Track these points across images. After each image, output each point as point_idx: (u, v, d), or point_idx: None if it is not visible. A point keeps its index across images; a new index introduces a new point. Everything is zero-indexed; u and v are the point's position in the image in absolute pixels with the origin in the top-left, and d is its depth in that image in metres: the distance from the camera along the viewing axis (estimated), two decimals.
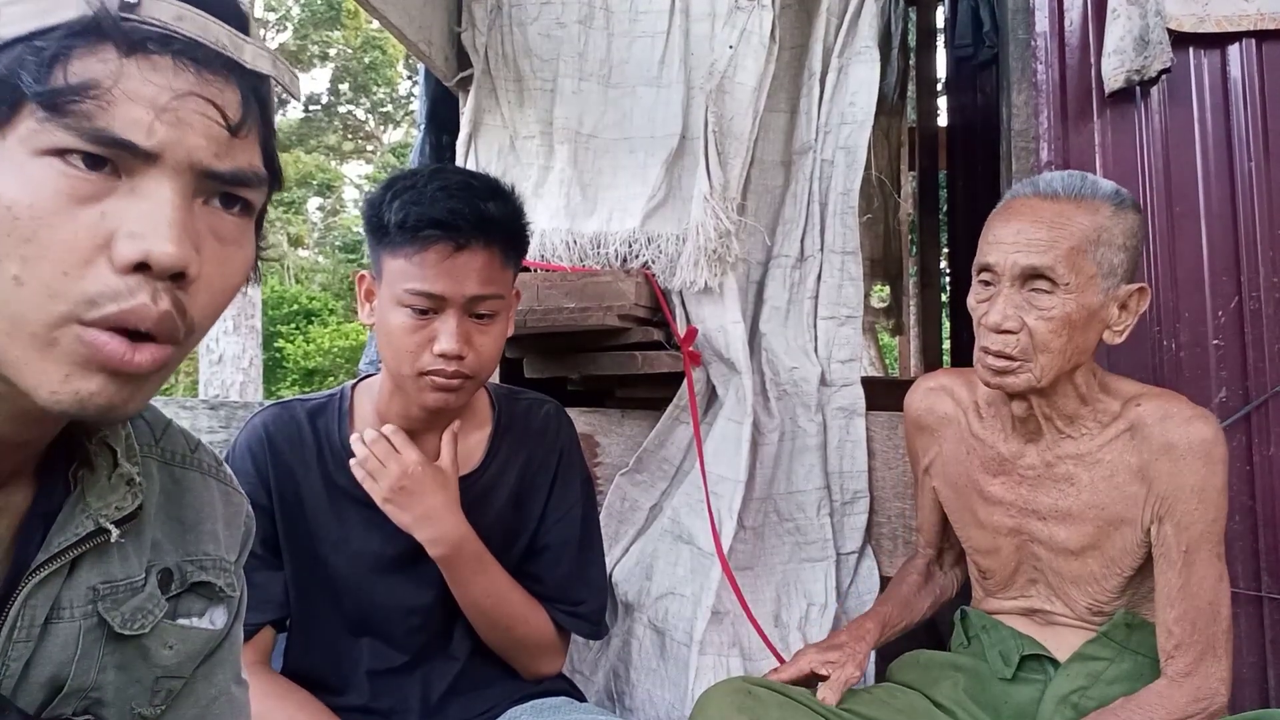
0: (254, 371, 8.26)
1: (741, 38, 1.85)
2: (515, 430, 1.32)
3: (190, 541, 0.69)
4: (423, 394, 1.15)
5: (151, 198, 0.52)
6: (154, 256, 0.51)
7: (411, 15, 1.89)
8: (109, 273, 0.51)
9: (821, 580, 1.75)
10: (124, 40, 0.51)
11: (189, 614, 0.69)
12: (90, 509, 0.61)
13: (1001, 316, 1.15)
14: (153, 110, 0.51)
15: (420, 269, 1.11)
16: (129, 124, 0.51)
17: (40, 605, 0.59)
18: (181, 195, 0.53)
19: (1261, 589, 1.58)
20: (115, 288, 0.51)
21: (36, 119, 0.50)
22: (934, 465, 1.40)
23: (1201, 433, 1.15)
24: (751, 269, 1.89)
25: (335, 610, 1.25)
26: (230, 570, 0.72)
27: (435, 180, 1.13)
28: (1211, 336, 1.64)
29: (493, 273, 1.15)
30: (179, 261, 0.52)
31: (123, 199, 0.52)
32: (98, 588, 0.61)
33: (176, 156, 0.52)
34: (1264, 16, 1.65)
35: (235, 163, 0.56)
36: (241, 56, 0.55)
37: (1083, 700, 1.22)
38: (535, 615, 1.27)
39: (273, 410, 1.28)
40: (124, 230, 0.51)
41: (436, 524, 1.18)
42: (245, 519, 0.76)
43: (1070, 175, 1.20)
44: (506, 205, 1.17)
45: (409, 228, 1.10)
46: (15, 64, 0.50)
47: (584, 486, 1.36)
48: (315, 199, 18.26)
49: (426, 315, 1.13)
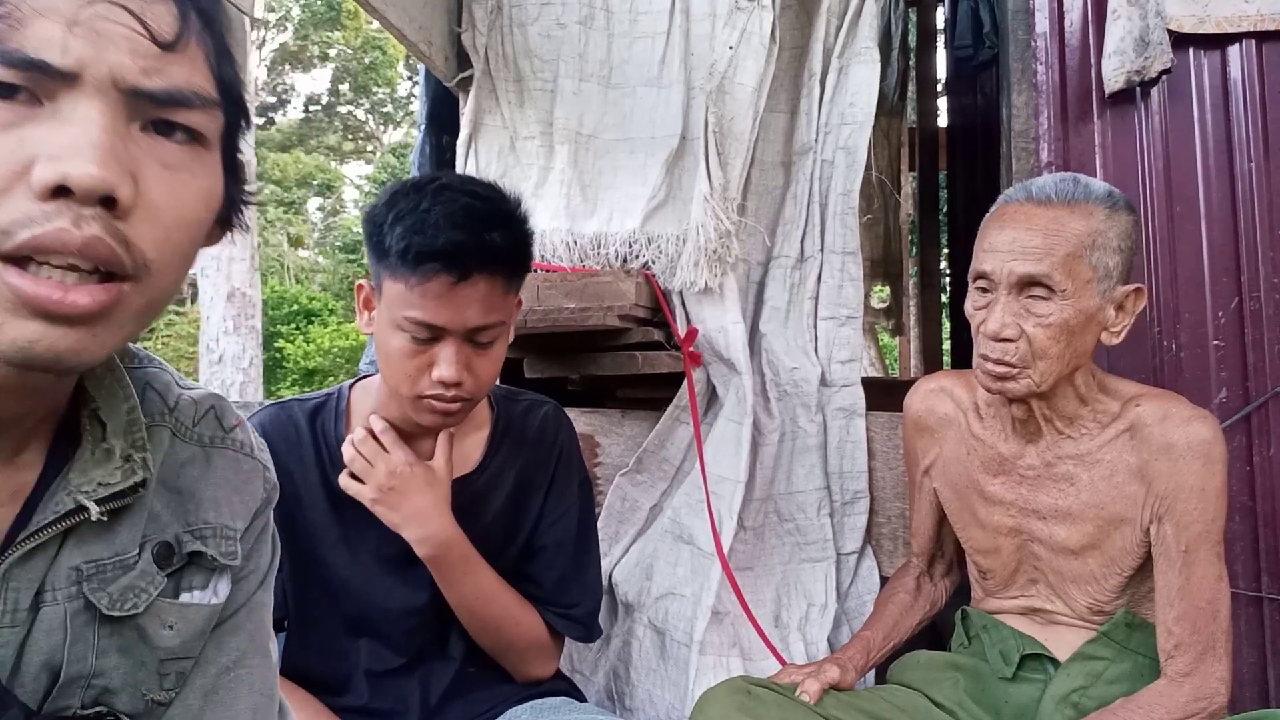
0: (254, 371, 8.26)
1: (742, 38, 1.85)
2: (514, 432, 1.32)
3: (190, 511, 0.65)
4: (420, 415, 1.15)
5: (73, 120, 0.48)
6: (72, 178, 0.47)
7: (411, 15, 1.89)
8: (26, 199, 0.47)
9: (822, 580, 1.75)
10: None
11: (191, 588, 0.65)
12: (71, 486, 0.58)
13: (1000, 325, 1.15)
14: (65, 25, 0.47)
15: (421, 299, 1.08)
16: (41, 43, 0.47)
17: (24, 589, 0.56)
18: (108, 116, 0.49)
19: (1261, 589, 1.58)
20: (30, 213, 0.47)
21: None
22: (934, 466, 1.40)
23: (1201, 433, 1.15)
24: (752, 269, 1.89)
25: (333, 611, 1.25)
26: (233, 538, 0.68)
27: (439, 206, 1.08)
28: (1212, 337, 1.64)
29: (494, 301, 1.12)
30: (100, 183, 0.47)
31: (44, 124, 0.48)
32: (81, 568, 0.58)
33: (98, 75, 0.49)
34: (1264, 17, 1.65)
35: (169, 81, 0.51)
36: None
37: (1083, 700, 1.22)
38: (527, 617, 1.27)
39: (270, 410, 1.28)
40: (43, 154, 0.47)
41: (424, 524, 1.18)
42: (263, 485, 0.72)
43: (1063, 179, 1.19)
44: (510, 233, 1.13)
45: (410, 259, 1.07)
46: None
47: (582, 488, 1.36)
48: (315, 199, 18.28)
49: (426, 342, 1.11)
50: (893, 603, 1.45)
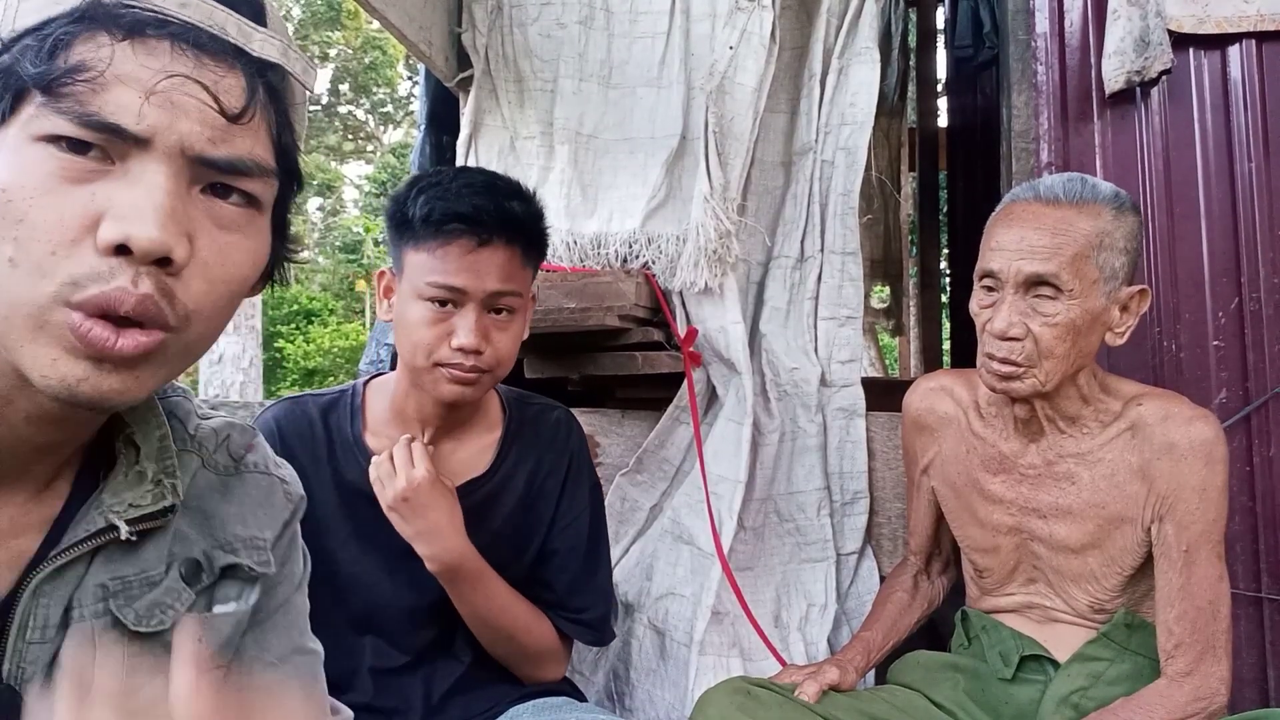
0: (254, 372, 8.27)
1: (742, 38, 1.85)
2: (526, 435, 1.32)
3: (217, 529, 0.68)
4: (438, 386, 1.16)
5: (141, 182, 0.51)
6: (134, 239, 0.50)
7: (412, 15, 1.89)
8: (93, 254, 0.50)
9: (822, 580, 1.75)
10: (120, 24, 0.51)
11: (225, 600, 0.67)
12: (104, 505, 0.60)
13: (1006, 324, 1.15)
14: (143, 93, 0.51)
15: (442, 262, 1.13)
16: (119, 107, 0.50)
17: (54, 605, 0.58)
18: (172, 180, 0.52)
19: (1261, 589, 1.58)
20: (97, 269, 0.50)
21: (35, 105, 0.50)
22: (933, 465, 1.40)
23: (1202, 433, 1.15)
24: (752, 269, 1.89)
25: (339, 607, 1.25)
26: (264, 547, 0.70)
27: (460, 178, 1.17)
28: (1212, 337, 1.64)
29: (513, 270, 1.17)
30: (160, 246, 0.51)
31: (113, 182, 0.51)
32: (107, 584, 0.60)
33: (168, 141, 0.52)
34: (1264, 17, 1.65)
35: (234, 150, 0.55)
36: (249, 44, 0.54)
37: (1083, 700, 1.22)
38: (538, 625, 1.28)
39: (284, 404, 1.29)
40: (110, 212, 0.51)
41: (436, 541, 1.18)
42: (285, 496, 0.74)
43: (1070, 179, 1.19)
44: (529, 206, 1.20)
45: (433, 221, 1.12)
46: (20, 53, 0.50)
47: (593, 493, 1.36)
48: (315, 199, 18.27)
49: (446, 308, 1.15)
50: (891, 602, 1.45)
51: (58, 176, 0.50)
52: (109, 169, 0.51)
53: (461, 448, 1.28)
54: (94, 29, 0.51)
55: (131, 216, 0.50)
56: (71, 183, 0.51)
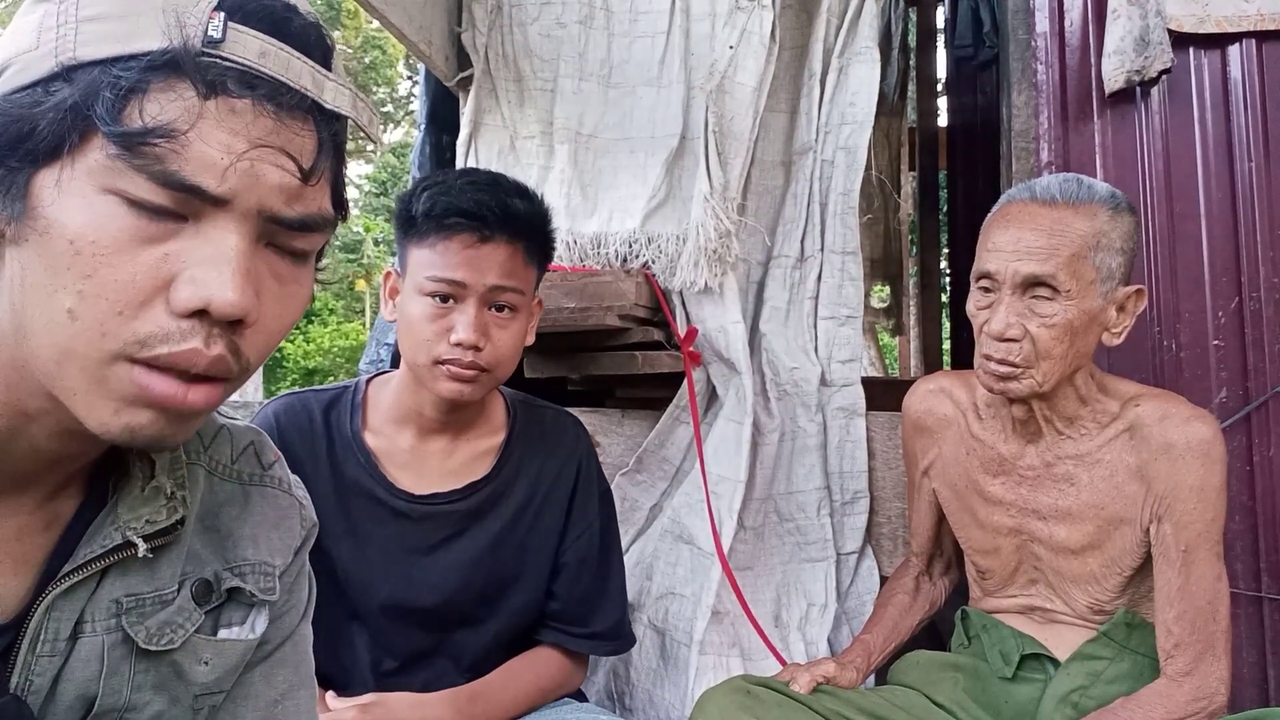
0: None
1: (742, 38, 1.85)
2: (530, 438, 1.32)
3: (228, 549, 0.67)
4: (438, 383, 1.17)
5: (217, 243, 0.50)
6: (215, 304, 0.50)
7: (411, 15, 1.89)
8: (164, 314, 0.50)
9: (822, 580, 1.75)
10: (203, 80, 0.49)
11: (230, 624, 0.66)
12: (120, 521, 0.59)
13: (1004, 325, 1.15)
14: (228, 157, 0.50)
15: (443, 257, 1.14)
16: (201, 169, 0.49)
17: (65, 619, 0.57)
18: (246, 241, 0.52)
19: (1261, 589, 1.58)
20: (168, 330, 0.50)
21: (107, 154, 0.48)
22: (933, 467, 1.40)
23: (1200, 433, 1.15)
24: (752, 269, 1.89)
25: (339, 605, 1.25)
26: (272, 574, 0.69)
27: (465, 177, 1.19)
28: (1212, 337, 1.64)
29: (515, 267, 1.17)
30: (240, 311, 0.50)
31: (187, 241, 0.50)
32: (121, 600, 0.60)
33: (246, 204, 0.51)
34: (1264, 17, 1.65)
35: (305, 209, 0.54)
36: (322, 96, 0.53)
37: (1083, 700, 1.22)
38: (546, 674, 1.29)
39: (285, 400, 1.29)
40: (186, 275, 0.50)
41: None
42: (301, 523, 0.74)
43: (1066, 179, 1.19)
44: (533, 205, 1.21)
45: (435, 216, 1.14)
46: (90, 92, 0.48)
47: (603, 500, 1.36)
48: None
49: (447, 303, 1.15)
50: (892, 604, 1.45)
51: (130, 234, 0.49)
52: (181, 226, 0.50)
53: (463, 449, 1.28)
54: (174, 80, 0.49)
55: (210, 281, 0.50)
56: (145, 242, 0.49)
